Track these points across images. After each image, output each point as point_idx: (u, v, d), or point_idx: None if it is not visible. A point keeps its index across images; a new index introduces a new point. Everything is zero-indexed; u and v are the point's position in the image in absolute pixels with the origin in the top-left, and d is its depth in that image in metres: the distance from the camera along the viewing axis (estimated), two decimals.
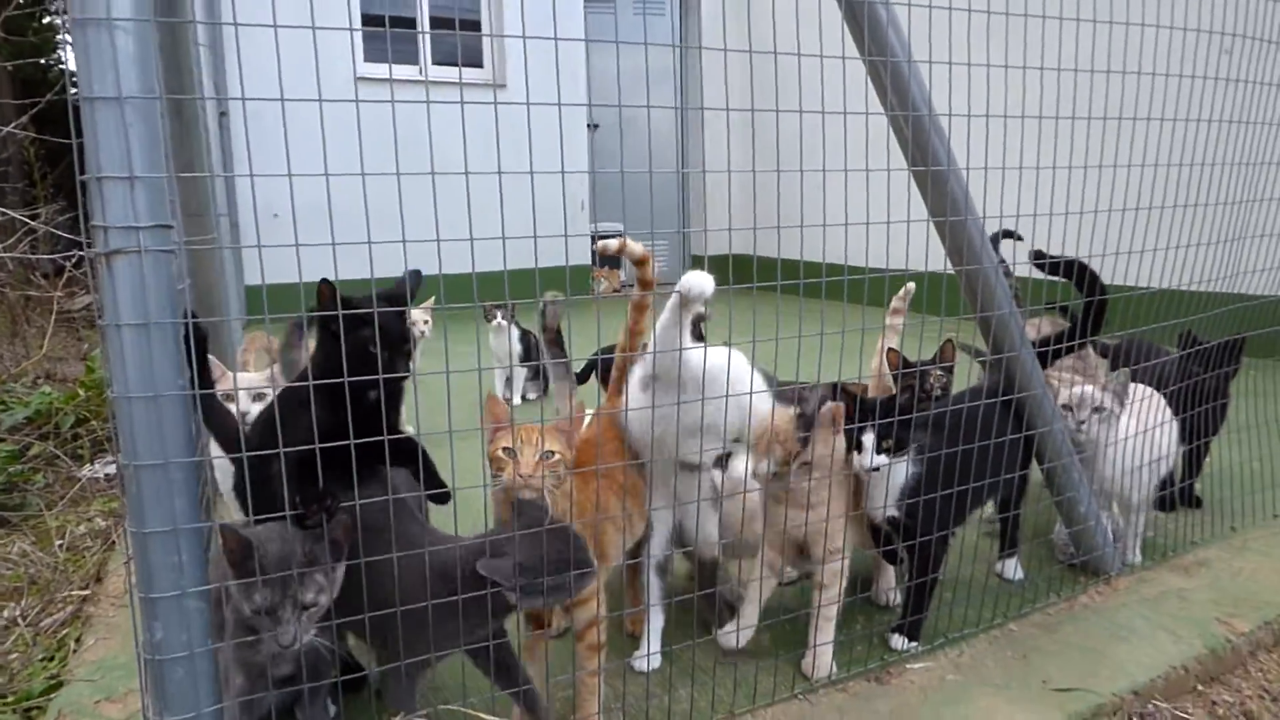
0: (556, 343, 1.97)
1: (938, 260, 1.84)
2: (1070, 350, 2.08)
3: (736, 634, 1.74)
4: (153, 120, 1.05)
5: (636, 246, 1.77)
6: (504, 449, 1.47)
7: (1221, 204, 2.16)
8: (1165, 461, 2.17)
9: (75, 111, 1.02)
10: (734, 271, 1.52)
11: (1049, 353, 2.01)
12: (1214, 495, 2.56)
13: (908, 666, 1.75)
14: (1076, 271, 2.02)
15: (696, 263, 9.07)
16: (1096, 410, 2.01)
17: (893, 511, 1.79)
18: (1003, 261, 1.98)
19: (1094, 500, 2.07)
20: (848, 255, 1.73)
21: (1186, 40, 1.97)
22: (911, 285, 2.26)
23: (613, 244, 1.72)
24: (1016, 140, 1.72)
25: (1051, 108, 1.79)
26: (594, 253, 7.11)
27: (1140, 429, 2.06)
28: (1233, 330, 2.41)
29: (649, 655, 1.75)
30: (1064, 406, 2.02)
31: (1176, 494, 2.45)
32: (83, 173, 1.04)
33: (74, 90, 1.02)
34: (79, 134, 1.03)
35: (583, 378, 2.65)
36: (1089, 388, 2.03)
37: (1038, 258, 2.03)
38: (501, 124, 1.17)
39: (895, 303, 2.29)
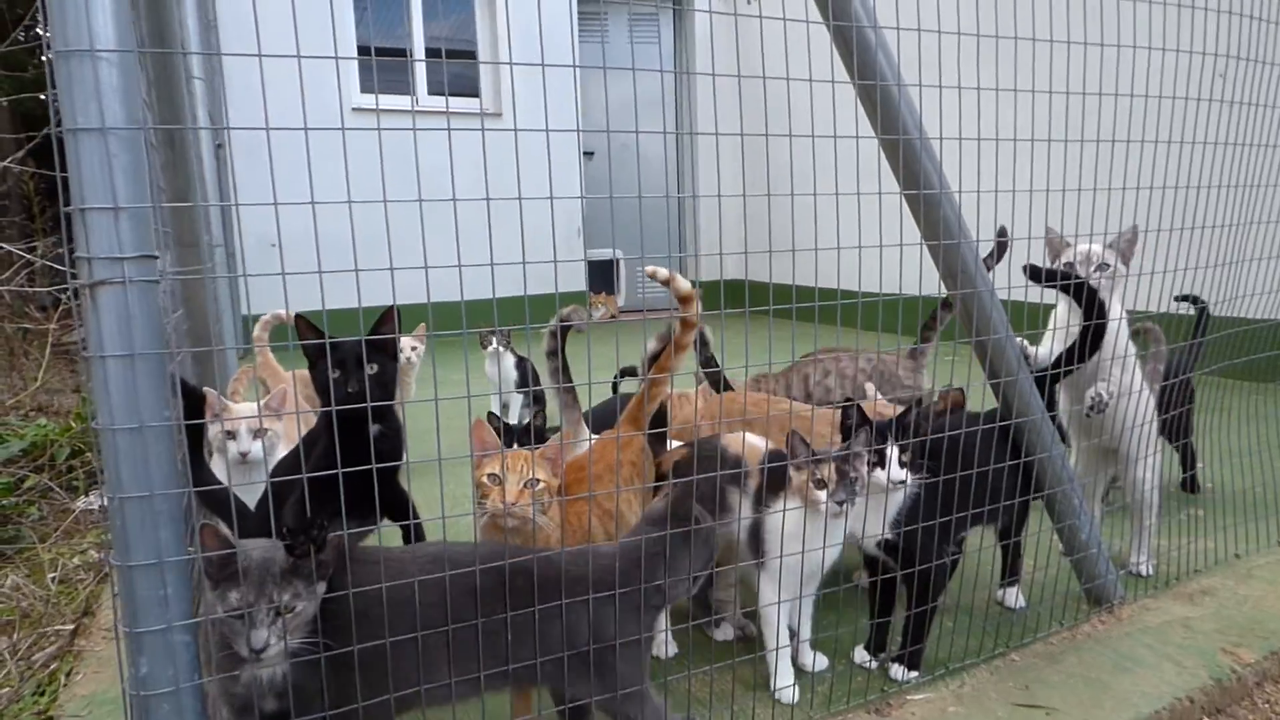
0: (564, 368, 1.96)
1: (931, 285, 1.84)
2: (1069, 374, 2.05)
3: (792, 689, 1.72)
4: (137, 151, 1.05)
5: (684, 283, 1.73)
6: (489, 475, 1.46)
7: (1219, 227, 2.16)
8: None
9: (59, 143, 1.02)
10: (727, 297, 1.51)
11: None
12: (1217, 521, 2.53)
13: (908, 698, 1.71)
14: (1075, 289, 2.00)
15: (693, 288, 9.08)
16: (1101, 268, 2.00)
17: (888, 536, 1.76)
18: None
19: (1096, 527, 2.04)
20: (840, 279, 1.73)
21: (1180, 62, 1.98)
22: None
23: (662, 272, 1.70)
24: (1009, 163, 1.72)
25: (1043, 130, 1.79)
26: (589, 278, 7.18)
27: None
28: (1232, 355, 2.40)
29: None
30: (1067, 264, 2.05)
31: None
32: (67, 205, 1.04)
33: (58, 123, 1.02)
34: (64, 166, 1.03)
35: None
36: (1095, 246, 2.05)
37: (1032, 272, 2.01)
38: (497, 153, 1.17)
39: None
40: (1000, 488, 1.86)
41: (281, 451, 1.98)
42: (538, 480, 1.47)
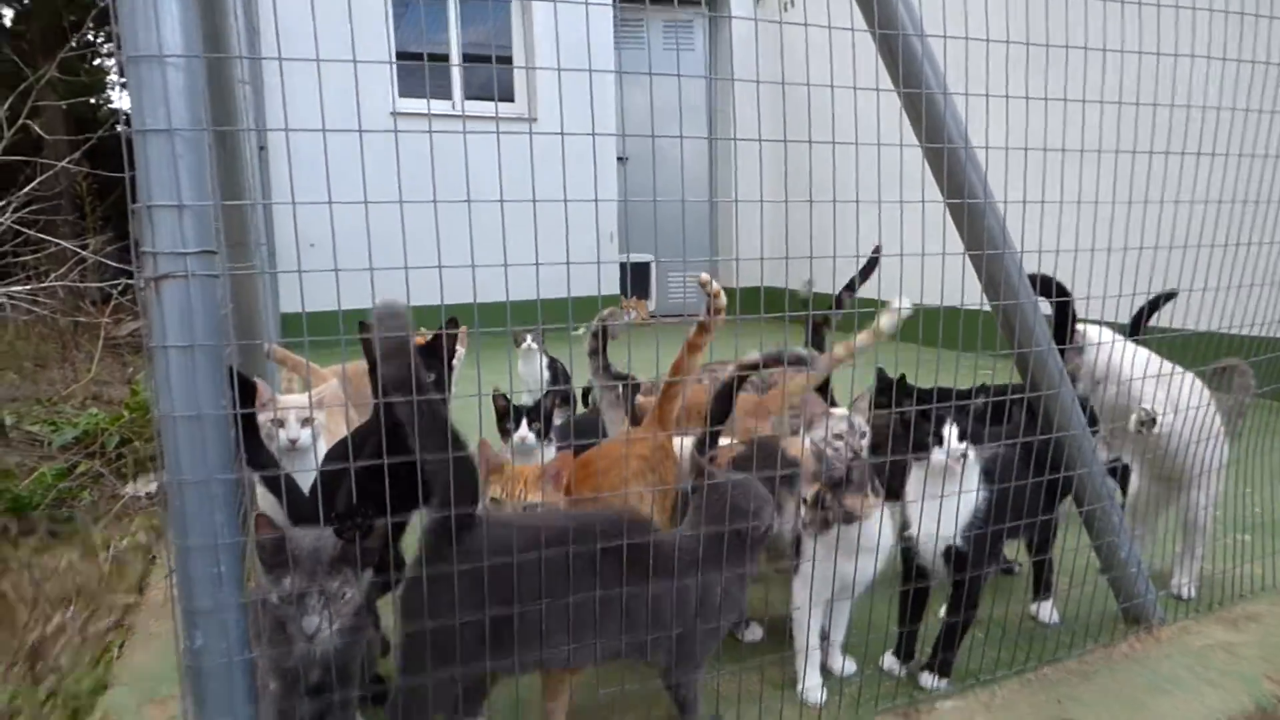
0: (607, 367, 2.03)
1: (973, 295, 1.83)
2: None
3: (820, 690, 1.73)
4: (200, 151, 1.10)
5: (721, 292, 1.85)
6: (491, 499, 1.52)
7: (1274, 243, 2.11)
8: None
9: (128, 144, 1.06)
10: (765, 305, 1.53)
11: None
12: (1264, 547, 2.46)
13: (937, 705, 1.71)
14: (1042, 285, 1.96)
15: (727, 295, 9.06)
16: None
17: (958, 543, 1.74)
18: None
19: (1135, 545, 2.01)
20: (881, 289, 1.73)
21: (1240, 72, 1.94)
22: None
23: (705, 277, 1.79)
24: (1056, 174, 1.71)
25: (1093, 141, 1.77)
26: (623, 283, 7.21)
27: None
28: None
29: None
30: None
31: None
32: (134, 202, 1.09)
33: (125, 125, 1.07)
34: (131, 165, 1.08)
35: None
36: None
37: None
38: (535, 156, 1.20)
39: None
40: (1037, 499, 1.84)
41: (324, 445, 2.03)
42: (536, 505, 1.52)
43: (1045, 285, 1.96)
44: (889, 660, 1.85)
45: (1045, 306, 1.91)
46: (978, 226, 1.74)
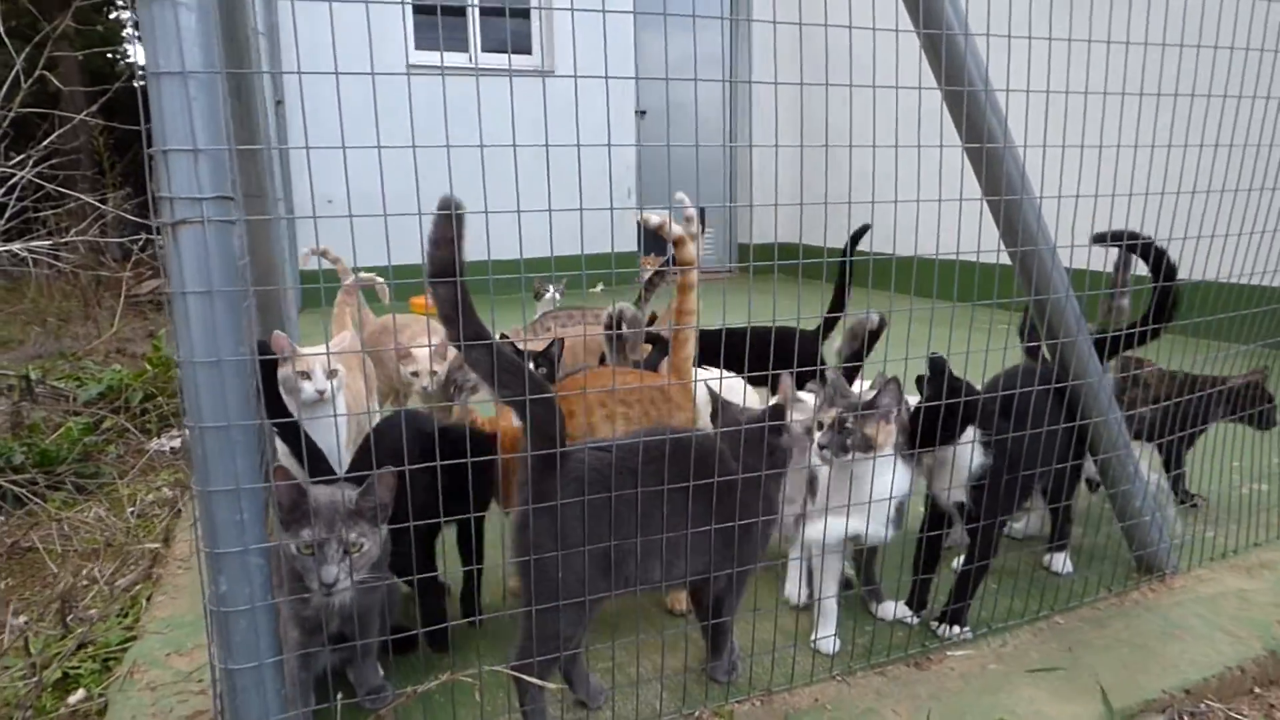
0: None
1: (990, 244, 1.80)
2: (1143, 339, 1.97)
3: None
4: (215, 94, 1.09)
5: (676, 228, 1.80)
6: None
7: None
8: None
9: (143, 92, 1.06)
10: (780, 259, 1.52)
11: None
12: None
13: (948, 653, 1.73)
14: (1142, 251, 1.95)
15: (743, 251, 9.04)
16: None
17: (960, 496, 1.77)
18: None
19: (1149, 493, 2.01)
20: (896, 239, 1.71)
21: (1271, 13, 1.88)
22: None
23: (654, 218, 1.75)
24: (1078, 118, 1.67)
25: (1116, 84, 1.73)
26: (639, 239, 7.17)
27: None
28: None
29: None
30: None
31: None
32: (149, 148, 1.09)
33: (141, 71, 1.06)
34: (149, 116, 1.08)
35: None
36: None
37: (1099, 239, 1.95)
38: (550, 111, 1.19)
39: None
40: (1053, 449, 1.84)
41: (342, 399, 2.05)
42: None
43: (1148, 253, 1.93)
44: (901, 609, 1.87)
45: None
46: (997, 171, 1.71)
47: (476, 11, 6.69)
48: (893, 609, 1.86)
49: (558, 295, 3.74)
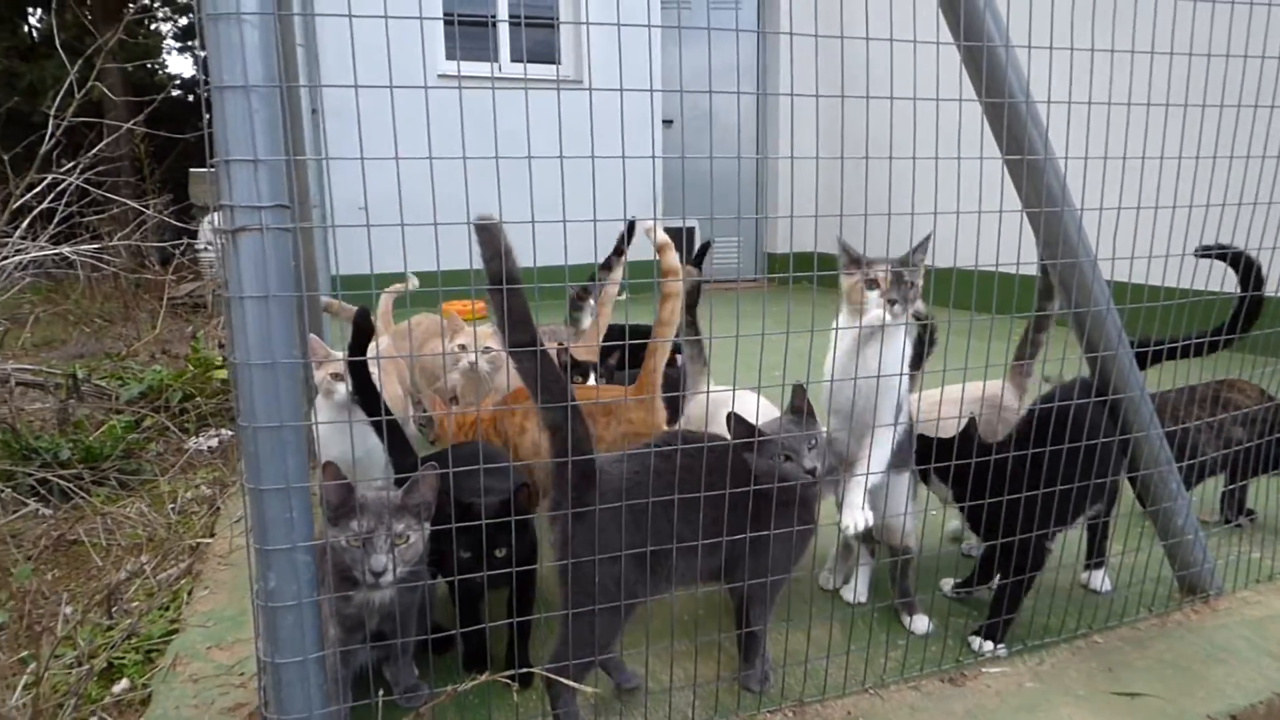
0: (693, 323, 2.06)
1: (1029, 255, 1.80)
2: (1215, 348, 1.98)
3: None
4: (274, 107, 1.13)
5: (661, 234, 1.92)
6: None
7: None
8: None
9: (206, 101, 1.10)
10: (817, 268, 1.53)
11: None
12: None
13: (983, 670, 1.72)
14: (1232, 260, 1.96)
15: (772, 261, 9.02)
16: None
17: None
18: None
19: (1192, 512, 1.98)
20: (934, 252, 1.71)
21: None
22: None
23: (648, 223, 1.82)
24: (1120, 129, 1.66)
25: (1160, 95, 1.71)
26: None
27: None
28: None
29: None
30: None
31: None
32: (211, 157, 1.13)
33: (174, 87, 1.10)
34: (194, 125, 1.12)
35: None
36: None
37: (1204, 252, 1.94)
38: (579, 121, 1.21)
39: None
40: (1094, 465, 1.82)
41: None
42: None
43: (1240, 264, 1.94)
44: (947, 585, 1.90)
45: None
46: (1037, 183, 1.71)
47: (505, 26, 6.78)
48: (925, 624, 1.85)
49: (593, 301, 3.77)
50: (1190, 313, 1.93)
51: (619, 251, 2.46)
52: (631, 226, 2.28)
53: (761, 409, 1.91)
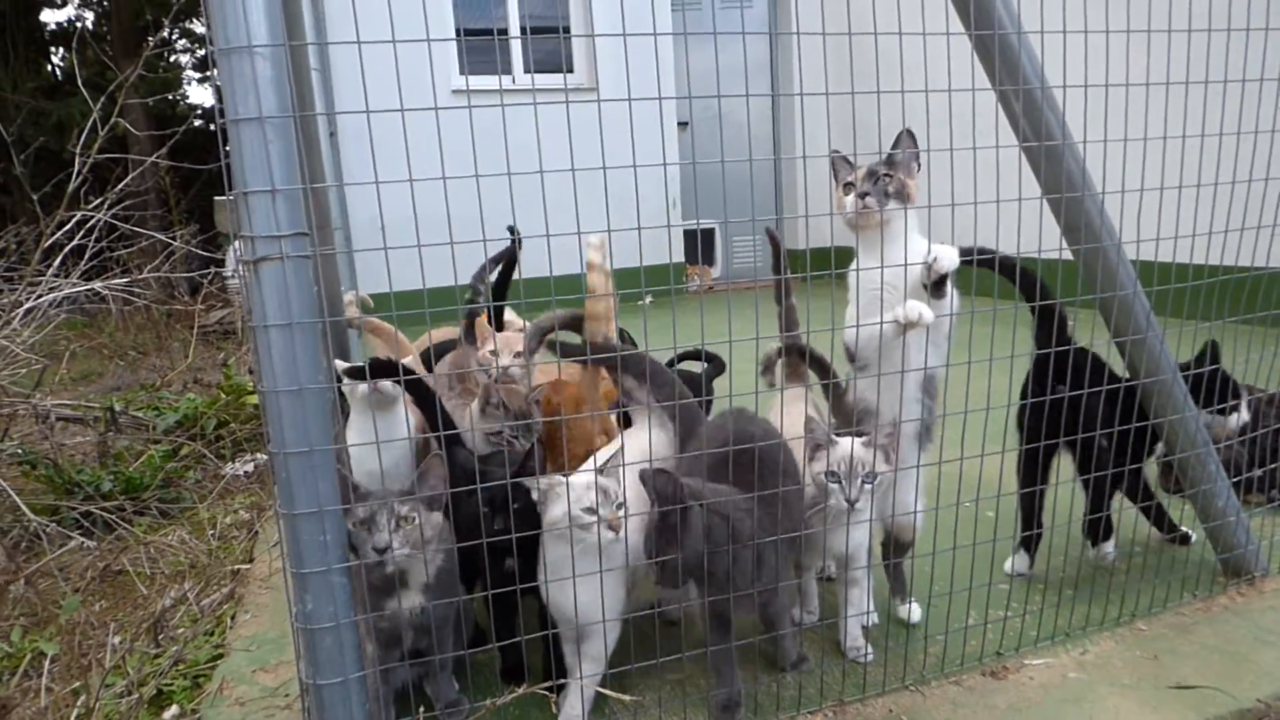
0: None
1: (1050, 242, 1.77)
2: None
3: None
4: (289, 137, 1.15)
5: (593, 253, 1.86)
6: None
7: None
8: None
9: (222, 133, 1.12)
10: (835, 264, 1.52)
11: None
12: None
13: (1026, 661, 1.69)
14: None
15: (793, 258, 8.92)
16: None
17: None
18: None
19: (1233, 494, 1.94)
20: (955, 240, 1.69)
21: None
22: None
23: (595, 239, 1.82)
24: (1139, 110, 1.63)
25: (1178, 73, 1.68)
26: (686, 249, 7.18)
27: None
28: None
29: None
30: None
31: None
32: (230, 189, 1.15)
33: (199, 119, 1.12)
34: (216, 157, 1.14)
35: None
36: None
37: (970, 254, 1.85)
38: (592, 128, 1.22)
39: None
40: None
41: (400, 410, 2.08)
42: None
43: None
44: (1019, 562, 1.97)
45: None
46: (1056, 169, 1.69)
47: (517, 40, 6.82)
48: (919, 612, 1.87)
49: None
50: (1220, 291, 1.89)
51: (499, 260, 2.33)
52: (511, 230, 2.22)
53: (803, 412, 1.90)
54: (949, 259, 1.57)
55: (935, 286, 1.59)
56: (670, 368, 2.23)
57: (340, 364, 1.90)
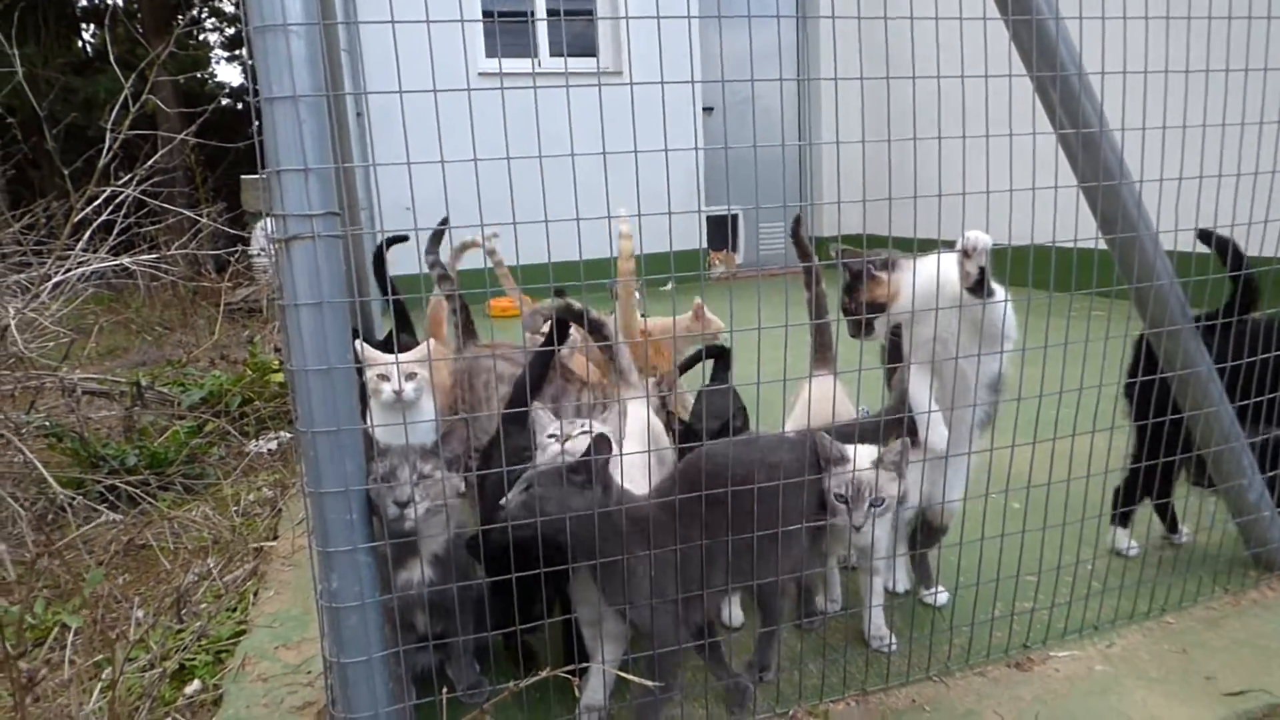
0: None
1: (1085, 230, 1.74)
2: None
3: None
4: (321, 116, 1.15)
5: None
6: None
7: None
8: None
9: (257, 111, 1.12)
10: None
11: None
12: None
13: (1051, 654, 1.68)
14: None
15: (819, 245, 8.83)
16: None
17: None
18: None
19: (1265, 489, 1.91)
20: (989, 228, 1.66)
21: None
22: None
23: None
24: (1179, 97, 1.60)
25: (1218, 61, 1.64)
26: (708, 235, 7.13)
27: None
28: None
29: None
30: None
31: None
32: (263, 167, 1.15)
33: (223, 96, 1.12)
34: (244, 135, 1.14)
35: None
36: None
37: (1204, 237, 1.86)
38: (620, 113, 1.21)
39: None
40: None
41: (428, 401, 2.09)
42: None
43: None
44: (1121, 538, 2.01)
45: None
46: (1094, 158, 1.65)
47: (545, 24, 6.79)
48: (946, 596, 1.88)
49: (638, 295, 3.76)
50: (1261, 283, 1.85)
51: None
52: (445, 222, 2.20)
53: (838, 400, 1.89)
54: (982, 239, 1.52)
55: (975, 287, 1.55)
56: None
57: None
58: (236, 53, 11.07)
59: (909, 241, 1.64)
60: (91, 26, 10.36)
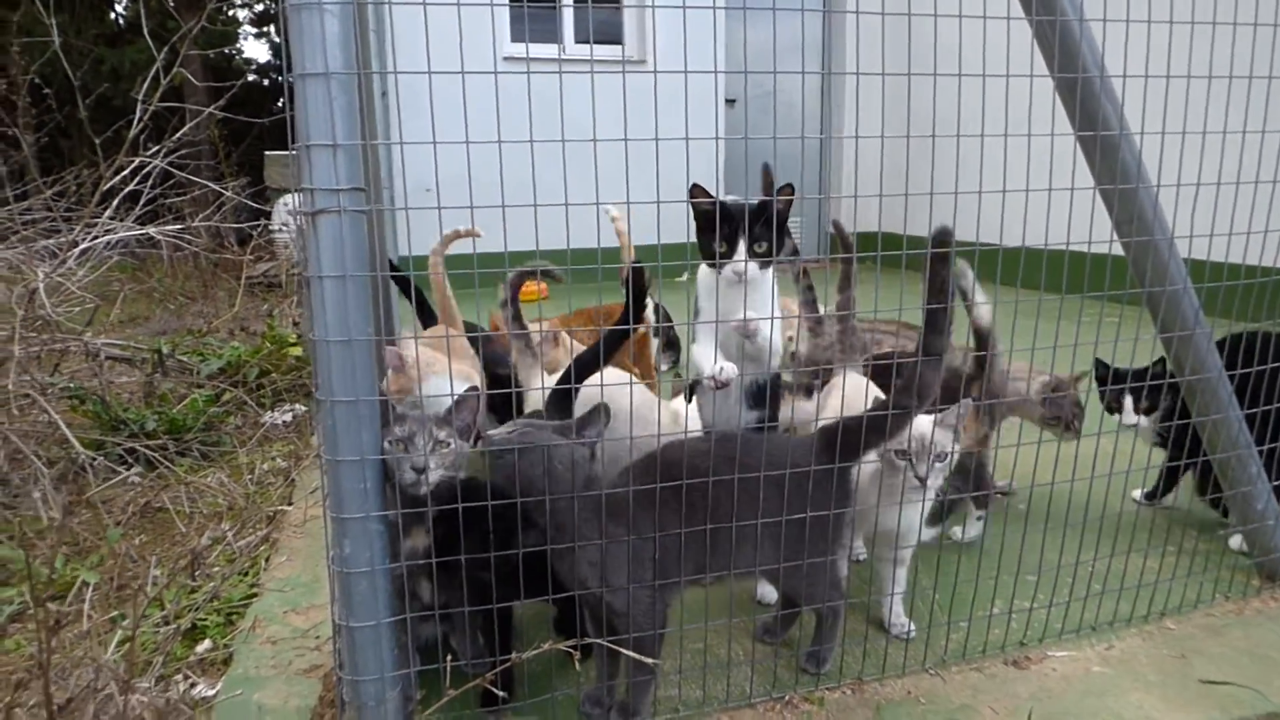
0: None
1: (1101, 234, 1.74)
2: None
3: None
4: (352, 93, 1.18)
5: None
6: None
7: None
8: None
9: (289, 88, 1.15)
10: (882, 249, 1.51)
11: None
12: None
13: (1049, 653, 1.70)
14: None
15: (835, 240, 8.81)
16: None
17: None
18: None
19: (1273, 497, 1.91)
20: (1003, 233, 1.68)
21: None
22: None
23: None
24: (1200, 103, 1.60)
25: (1241, 68, 1.64)
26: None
27: None
28: None
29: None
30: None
31: None
32: (293, 142, 1.18)
33: (250, 72, 1.15)
34: (270, 111, 1.17)
35: None
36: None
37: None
38: (642, 102, 1.23)
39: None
40: None
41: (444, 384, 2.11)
42: None
43: None
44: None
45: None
46: (1112, 160, 1.66)
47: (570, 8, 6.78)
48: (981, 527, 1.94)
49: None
50: (1275, 292, 1.85)
51: None
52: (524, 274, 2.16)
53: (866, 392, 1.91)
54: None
55: None
56: None
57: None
58: (264, 29, 11.15)
59: (922, 240, 1.65)
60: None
